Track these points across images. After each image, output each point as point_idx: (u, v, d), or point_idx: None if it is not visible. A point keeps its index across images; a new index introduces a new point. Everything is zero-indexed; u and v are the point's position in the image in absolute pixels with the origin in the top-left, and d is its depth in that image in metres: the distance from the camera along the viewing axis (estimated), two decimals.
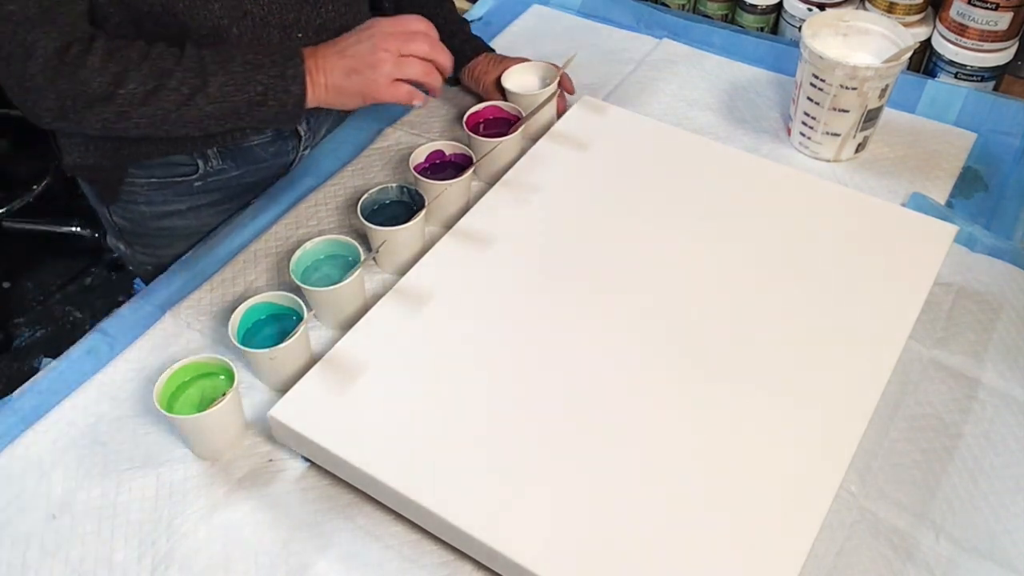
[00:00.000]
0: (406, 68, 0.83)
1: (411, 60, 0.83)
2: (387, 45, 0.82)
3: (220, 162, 0.96)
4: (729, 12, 1.29)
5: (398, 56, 0.83)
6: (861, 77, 0.91)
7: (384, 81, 0.82)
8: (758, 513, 0.66)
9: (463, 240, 0.86)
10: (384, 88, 0.83)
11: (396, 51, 0.83)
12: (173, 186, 0.96)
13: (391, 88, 0.83)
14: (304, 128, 1.00)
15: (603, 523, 0.66)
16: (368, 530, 0.71)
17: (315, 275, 0.84)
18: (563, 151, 0.95)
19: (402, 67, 0.83)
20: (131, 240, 1.02)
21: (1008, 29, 1.09)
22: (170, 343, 0.85)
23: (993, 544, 0.69)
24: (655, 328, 0.78)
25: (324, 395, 0.74)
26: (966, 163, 1.00)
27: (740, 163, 0.94)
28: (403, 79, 0.84)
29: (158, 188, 0.96)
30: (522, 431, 0.71)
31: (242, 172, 0.98)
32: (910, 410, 0.77)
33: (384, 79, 0.82)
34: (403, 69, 0.83)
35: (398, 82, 0.83)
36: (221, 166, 0.96)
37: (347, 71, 0.82)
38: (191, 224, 0.99)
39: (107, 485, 0.75)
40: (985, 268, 0.88)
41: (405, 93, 0.84)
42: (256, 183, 1.00)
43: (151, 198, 0.97)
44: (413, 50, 0.83)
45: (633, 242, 0.86)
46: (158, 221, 0.99)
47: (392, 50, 0.82)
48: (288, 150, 1.01)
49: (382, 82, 0.82)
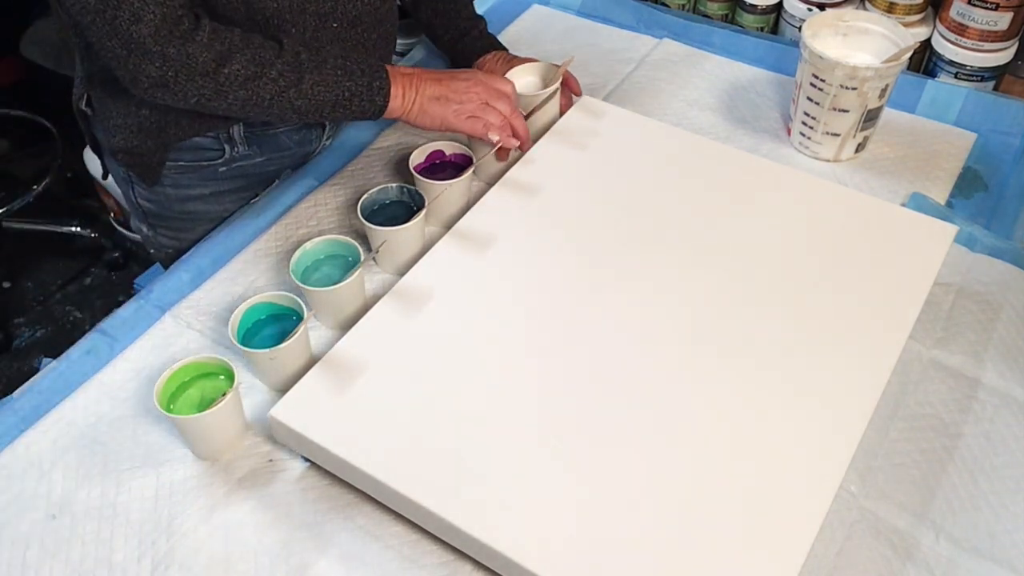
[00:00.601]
0: (488, 114, 0.91)
1: (493, 111, 0.91)
2: (478, 90, 0.91)
3: (246, 148, 0.97)
4: (729, 12, 1.29)
5: (484, 103, 0.91)
6: (861, 77, 0.91)
7: (466, 113, 0.90)
8: (758, 513, 0.66)
9: (463, 240, 0.86)
10: (464, 120, 0.90)
11: (484, 98, 0.91)
12: (199, 170, 0.98)
13: (469, 120, 0.90)
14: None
15: (603, 523, 0.66)
16: (368, 530, 0.71)
17: (315, 275, 0.84)
18: (563, 151, 0.96)
19: (485, 112, 0.91)
20: (155, 223, 1.04)
21: (1008, 29, 1.09)
22: (170, 343, 0.85)
23: (993, 544, 0.69)
24: (654, 329, 0.78)
25: (324, 395, 0.74)
26: (966, 163, 1.00)
27: (740, 163, 0.94)
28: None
29: (184, 171, 0.98)
30: (522, 431, 0.71)
31: (266, 159, 1.00)
32: (910, 410, 0.77)
33: (466, 112, 0.90)
34: (485, 113, 0.91)
35: (475, 118, 0.90)
36: (247, 152, 0.98)
37: (437, 96, 0.89)
38: (212, 209, 1.01)
39: (107, 485, 0.75)
40: (985, 268, 0.88)
41: (481, 126, 0.91)
42: (277, 171, 1.02)
43: (177, 181, 0.99)
44: (497, 106, 0.91)
45: (633, 242, 0.86)
46: (182, 204, 1.01)
47: (481, 95, 0.91)
48: (312, 139, 1.03)
49: (464, 114, 0.90)
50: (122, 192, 1.05)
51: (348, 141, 1.06)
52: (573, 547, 0.65)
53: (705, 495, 0.67)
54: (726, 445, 0.70)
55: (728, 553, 0.64)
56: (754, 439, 0.70)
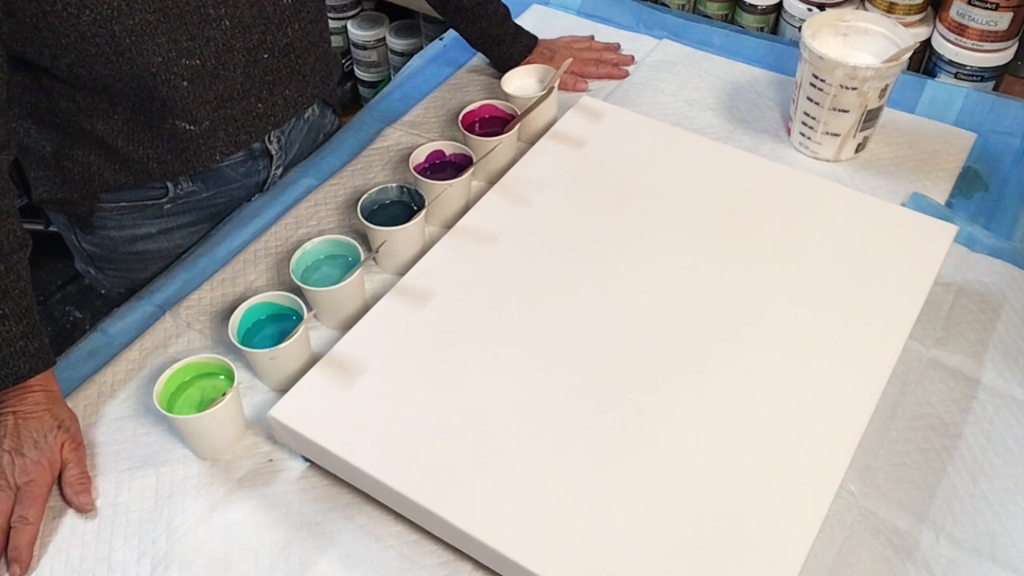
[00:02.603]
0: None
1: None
2: (10, 473, 0.72)
3: (190, 184, 0.94)
4: (729, 12, 1.29)
5: (10, 485, 0.72)
6: (861, 77, 0.91)
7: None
8: (758, 513, 0.66)
9: (463, 240, 0.86)
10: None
11: (11, 481, 0.72)
12: (143, 209, 0.95)
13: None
14: (276, 147, 0.99)
15: (603, 523, 0.66)
16: (368, 530, 0.71)
17: (315, 275, 0.84)
18: (563, 151, 0.95)
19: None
20: (102, 265, 1.01)
21: (1008, 29, 1.09)
22: (170, 343, 0.85)
23: (993, 544, 0.69)
24: (654, 328, 0.78)
25: (324, 395, 0.74)
26: (966, 163, 1.00)
27: (740, 163, 0.94)
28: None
29: (128, 212, 0.95)
30: (522, 431, 0.71)
31: (213, 193, 0.97)
32: (910, 410, 0.77)
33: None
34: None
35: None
36: (191, 188, 0.95)
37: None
38: (164, 246, 0.98)
39: (107, 485, 0.75)
40: (985, 268, 0.88)
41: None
42: (228, 203, 0.99)
43: (121, 222, 0.96)
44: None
45: (633, 243, 0.86)
46: (130, 245, 0.97)
47: (9, 478, 0.72)
48: (259, 169, 0.99)
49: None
50: (64, 237, 1.00)
51: (348, 141, 1.06)
52: (573, 547, 0.65)
53: (705, 494, 0.67)
54: (726, 445, 0.70)
55: (728, 553, 0.64)
56: (754, 439, 0.70)
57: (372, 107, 1.12)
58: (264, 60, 0.87)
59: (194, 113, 0.84)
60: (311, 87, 0.95)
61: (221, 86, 0.85)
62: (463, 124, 0.98)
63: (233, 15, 0.82)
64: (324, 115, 1.07)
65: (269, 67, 0.88)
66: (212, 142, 0.88)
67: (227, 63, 0.84)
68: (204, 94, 0.84)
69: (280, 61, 0.88)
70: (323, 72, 0.96)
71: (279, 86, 0.91)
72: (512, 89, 1.03)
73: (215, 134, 0.88)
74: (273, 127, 0.94)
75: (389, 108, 1.11)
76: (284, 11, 0.86)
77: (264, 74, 0.88)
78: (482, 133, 0.97)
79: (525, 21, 1.23)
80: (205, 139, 0.87)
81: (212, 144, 0.88)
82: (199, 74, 0.82)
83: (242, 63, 0.85)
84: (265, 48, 0.86)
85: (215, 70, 0.83)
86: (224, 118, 0.87)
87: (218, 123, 0.87)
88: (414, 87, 1.14)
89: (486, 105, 1.01)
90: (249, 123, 0.90)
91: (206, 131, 0.87)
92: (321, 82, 0.96)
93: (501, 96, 1.03)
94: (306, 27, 0.89)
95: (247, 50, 0.85)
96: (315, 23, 0.91)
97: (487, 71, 1.15)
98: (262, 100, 0.90)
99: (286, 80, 0.90)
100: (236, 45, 0.83)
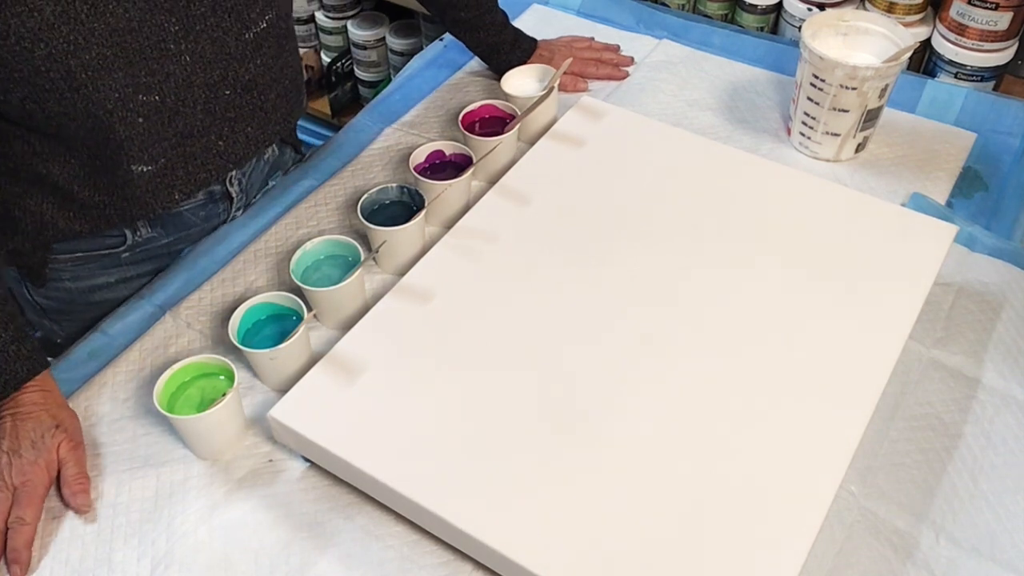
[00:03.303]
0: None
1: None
2: (8, 474, 0.73)
3: (149, 230, 0.91)
4: (729, 12, 1.29)
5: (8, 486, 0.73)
6: (861, 77, 0.91)
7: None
8: (758, 513, 0.66)
9: (463, 240, 0.86)
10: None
11: (9, 481, 0.72)
12: (99, 259, 0.91)
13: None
14: (236, 189, 0.96)
15: (603, 523, 0.66)
16: (368, 530, 0.71)
17: (315, 275, 0.84)
18: (563, 151, 0.95)
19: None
20: (58, 318, 0.96)
21: (1008, 29, 1.09)
22: (170, 343, 0.85)
23: (993, 544, 0.69)
24: (655, 328, 0.78)
25: (324, 395, 0.74)
26: (966, 163, 1.00)
27: (740, 163, 0.94)
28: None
29: (83, 263, 0.91)
30: (522, 431, 0.71)
31: (172, 239, 0.94)
32: (910, 410, 0.77)
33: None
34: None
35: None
36: (150, 235, 0.92)
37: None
38: (122, 295, 0.93)
39: (107, 485, 0.75)
40: (985, 268, 0.88)
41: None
42: (187, 247, 0.96)
43: (77, 273, 0.91)
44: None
45: (633, 242, 0.86)
46: (87, 296, 0.93)
47: (6, 479, 0.72)
48: (219, 212, 0.96)
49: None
50: (15, 291, 0.95)
51: (348, 141, 1.06)
52: (573, 547, 0.65)
53: (705, 495, 0.67)
54: (726, 444, 0.70)
55: (728, 553, 0.64)
56: (754, 439, 0.70)
57: (372, 107, 1.12)
58: (225, 96, 0.84)
59: (150, 151, 0.81)
60: (272, 124, 0.91)
61: (180, 123, 0.82)
62: (463, 124, 0.98)
63: (194, 51, 0.79)
64: (283, 153, 1.04)
65: (231, 103, 0.85)
66: (171, 180, 0.85)
67: (187, 99, 0.81)
68: (162, 131, 0.81)
69: (242, 97, 0.85)
70: (285, 109, 0.92)
71: (240, 123, 0.87)
72: (512, 89, 1.03)
73: (174, 172, 0.84)
74: (234, 165, 0.91)
75: (389, 108, 1.11)
76: (246, 46, 0.83)
77: (225, 111, 0.85)
78: (482, 133, 0.97)
79: (525, 21, 1.23)
80: (163, 178, 0.84)
81: (171, 183, 0.85)
82: (157, 110, 0.79)
83: (202, 99, 0.82)
84: (227, 84, 0.83)
85: (174, 106, 0.80)
86: (183, 156, 0.84)
87: (176, 161, 0.84)
88: (414, 87, 1.14)
89: (486, 105, 1.01)
90: (209, 161, 0.87)
91: (163, 169, 0.83)
92: (283, 119, 0.93)
93: (501, 96, 1.03)
94: (268, 63, 0.87)
95: (208, 86, 0.82)
96: (277, 58, 0.88)
97: (487, 72, 1.15)
98: (223, 137, 0.87)
99: (247, 117, 0.87)
100: (196, 81, 0.81)
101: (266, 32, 0.85)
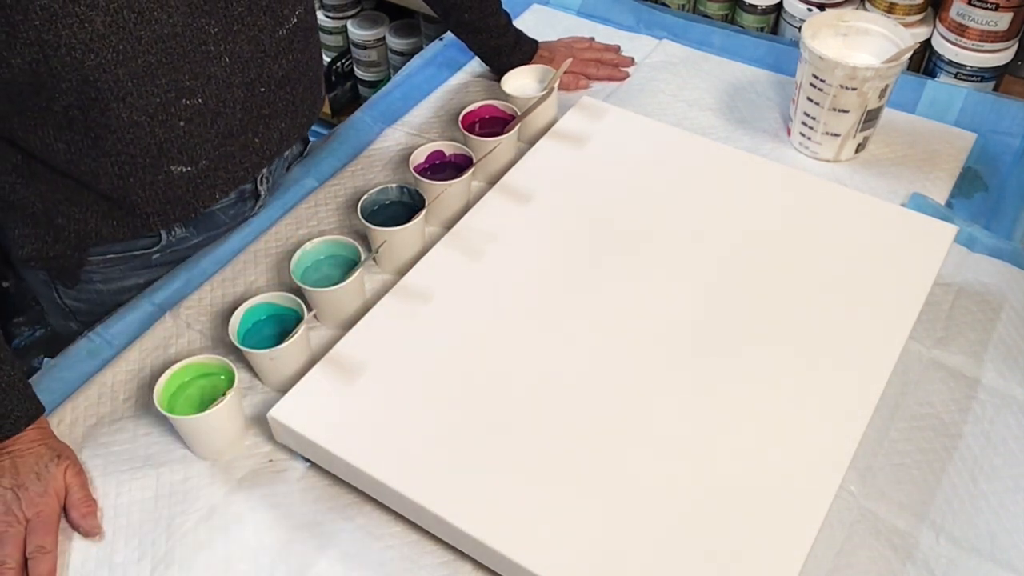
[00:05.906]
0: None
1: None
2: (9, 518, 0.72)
3: (183, 230, 0.92)
4: (729, 12, 1.29)
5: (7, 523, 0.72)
6: (861, 77, 0.91)
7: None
8: (758, 513, 0.66)
9: (463, 240, 0.86)
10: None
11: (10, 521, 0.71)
12: (131, 260, 0.91)
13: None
14: (264, 188, 0.97)
15: (603, 523, 0.66)
16: (368, 530, 0.71)
17: (315, 275, 0.84)
18: (563, 151, 0.96)
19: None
20: (86, 320, 0.94)
21: (1008, 29, 1.09)
22: (170, 343, 0.85)
23: (993, 544, 0.69)
24: (655, 328, 0.78)
25: (324, 395, 0.74)
26: (966, 163, 1.00)
27: (740, 163, 0.94)
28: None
29: (115, 264, 0.91)
30: (522, 431, 0.71)
31: (202, 238, 0.94)
32: (910, 410, 0.77)
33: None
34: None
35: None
36: (184, 234, 0.92)
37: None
38: None
39: (107, 486, 0.75)
40: (985, 268, 0.88)
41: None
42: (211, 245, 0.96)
43: (108, 275, 0.92)
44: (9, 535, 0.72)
45: (633, 242, 0.86)
46: (116, 297, 0.93)
47: (11, 521, 0.71)
48: (247, 210, 0.97)
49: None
50: (41, 294, 0.96)
51: (348, 141, 1.06)
52: (573, 547, 0.65)
53: (705, 495, 0.67)
54: (726, 445, 0.70)
55: (728, 553, 0.64)
56: (754, 439, 0.70)
57: (372, 107, 1.12)
58: (261, 94, 0.85)
59: (191, 153, 0.82)
60: (301, 117, 0.92)
61: (221, 123, 0.82)
62: (463, 124, 0.98)
63: (232, 51, 0.80)
64: (295, 149, 1.05)
65: (266, 100, 0.86)
66: (212, 181, 0.86)
67: (227, 100, 0.82)
68: (204, 132, 0.81)
69: (275, 94, 0.86)
70: (311, 101, 0.93)
71: (274, 119, 0.88)
72: (512, 89, 1.03)
73: (215, 173, 0.85)
74: (267, 161, 0.91)
75: (389, 108, 1.11)
76: (279, 43, 0.84)
77: (261, 108, 0.86)
78: (482, 133, 0.97)
79: (525, 21, 1.23)
80: (204, 179, 0.85)
81: (212, 184, 0.86)
82: (199, 113, 0.80)
83: (241, 99, 0.83)
84: (262, 81, 0.84)
85: (215, 108, 0.81)
86: (223, 156, 0.85)
87: (218, 161, 0.85)
88: (414, 87, 1.14)
89: (486, 105, 1.01)
90: (246, 159, 0.88)
91: (204, 171, 0.84)
92: (309, 111, 0.94)
93: (501, 96, 1.03)
94: (298, 57, 0.87)
95: (245, 85, 0.83)
96: (305, 52, 0.89)
97: (487, 72, 1.15)
98: (258, 135, 0.87)
99: (281, 113, 0.88)
100: (235, 81, 0.81)
101: (296, 27, 0.85)
